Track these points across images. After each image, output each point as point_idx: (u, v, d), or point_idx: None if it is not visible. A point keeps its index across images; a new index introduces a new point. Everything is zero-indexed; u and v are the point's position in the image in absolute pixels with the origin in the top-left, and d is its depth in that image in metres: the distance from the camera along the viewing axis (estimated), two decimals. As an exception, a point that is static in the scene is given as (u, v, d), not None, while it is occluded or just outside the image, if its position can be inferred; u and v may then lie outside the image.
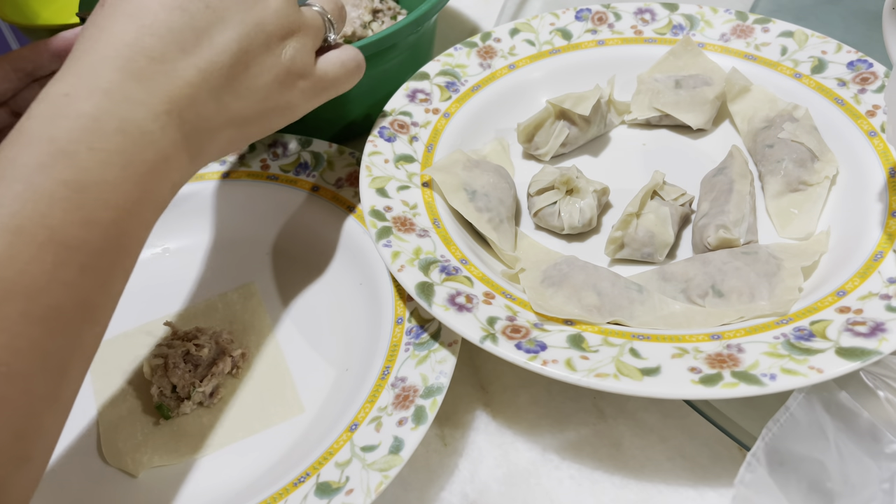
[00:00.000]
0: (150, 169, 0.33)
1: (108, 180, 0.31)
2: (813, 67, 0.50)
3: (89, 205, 0.31)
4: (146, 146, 0.33)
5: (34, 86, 0.48)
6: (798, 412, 0.35)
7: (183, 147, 0.35)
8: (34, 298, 0.29)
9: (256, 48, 0.37)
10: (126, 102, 0.32)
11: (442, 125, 0.51)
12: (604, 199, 0.47)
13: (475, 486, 0.40)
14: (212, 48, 0.36)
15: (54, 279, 0.29)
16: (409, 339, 0.42)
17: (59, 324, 0.30)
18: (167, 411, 0.43)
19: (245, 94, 0.38)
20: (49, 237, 0.29)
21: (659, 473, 0.40)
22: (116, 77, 0.33)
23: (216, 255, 0.52)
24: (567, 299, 0.40)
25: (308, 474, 0.37)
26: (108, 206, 0.31)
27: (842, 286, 0.38)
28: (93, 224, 0.31)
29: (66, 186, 0.30)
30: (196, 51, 0.35)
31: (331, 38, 0.43)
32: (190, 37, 0.35)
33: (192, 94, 0.35)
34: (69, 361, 0.31)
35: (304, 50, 0.40)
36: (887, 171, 0.43)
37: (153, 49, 0.34)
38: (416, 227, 0.44)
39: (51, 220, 0.29)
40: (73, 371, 0.31)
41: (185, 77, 0.35)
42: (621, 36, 0.55)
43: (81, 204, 0.30)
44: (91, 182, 0.31)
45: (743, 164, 0.46)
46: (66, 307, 0.30)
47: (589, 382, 0.35)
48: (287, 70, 0.39)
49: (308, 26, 0.40)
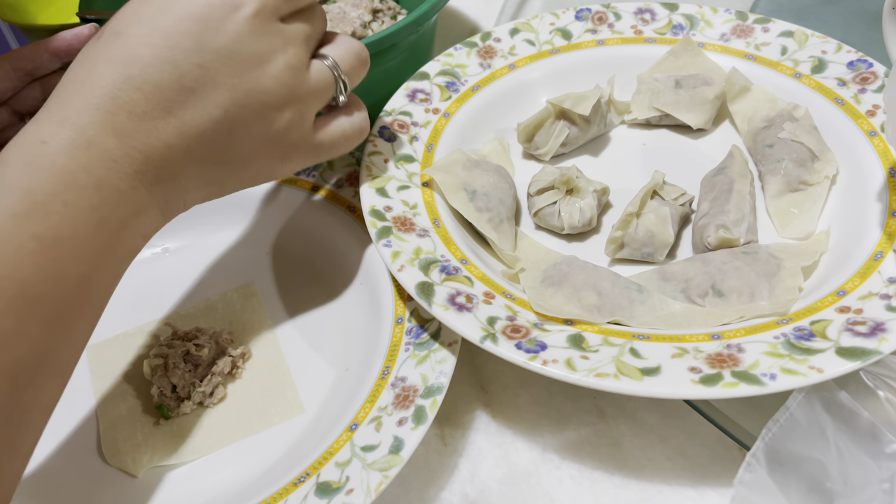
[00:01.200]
0: (121, 224, 0.33)
1: (81, 235, 0.31)
2: (813, 67, 0.50)
3: (60, 259, 0.30)
4: (120, 204, 0.33)
5: (34, 85, 0.48)
6: (798, 412, 0.35)
7: (156, 204, 0.35)
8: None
9: (246, 117, 0.35)
10: (102, 160, 0.32)
11: (442, 125, 0.51)
12: (604, 198, 0.47)
13: (475, 486, 0.40)
14: (196, 111, 0.34)
15: (20, 333, 0.29)
16: (409, 338, 0.42)
17: (22, 377, 0.29)
18: (167, 411, 0.43)
19: (225, 161, 0.36)
20: (19, 291, 0.29)
21: (659, 473, 0.40)
22: (95, 130, 0.32)
23: (216, 255, 0.52)
24: (567, 299, 0.40)
25: (308, 474, 0.37)
26: (79, 261, 0.31)
27: (842, 286, 0.38)
28: (62, 278, 0.30)
29: (37, 241, 0.30)
30: (179, 112, 0.33)
31: (339, 101, 0.39)
32: (175, 96, 0.33)
33: (169, 157, 0.34)
34: (30, 412, 0.30)
35: (303, 120, 0.37)
36: (887, 171, 0.43)
37: (136, 105, 0.33)
38: (416, 227, 0.44)
39: (20, 273, 0.29)
40: (33, 420, 0.31)
41: (164, 139, 0.33)
42: (621, 36, 0.55)
43: (52, 258, 0.30)
44: (63, 237, 0.30)
45: (743, 164, 0.46)
46: (31, 360, 0.30)
47: (589, 382, 0.35)
48: (277, 142, 0.37)
49: (313, 93, 0.37)
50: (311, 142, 0.38)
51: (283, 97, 0.36)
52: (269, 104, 0.35)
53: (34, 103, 0.47)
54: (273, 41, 0.35)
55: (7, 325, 0.28)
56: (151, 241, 0.52)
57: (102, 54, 0.33)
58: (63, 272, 0.30)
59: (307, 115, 0.38)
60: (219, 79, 0.34)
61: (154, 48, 0.33)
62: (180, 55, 0.33)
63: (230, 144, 0.35)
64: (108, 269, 0.33)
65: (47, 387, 0.31)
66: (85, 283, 0.32)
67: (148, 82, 0.33)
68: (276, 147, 0.37)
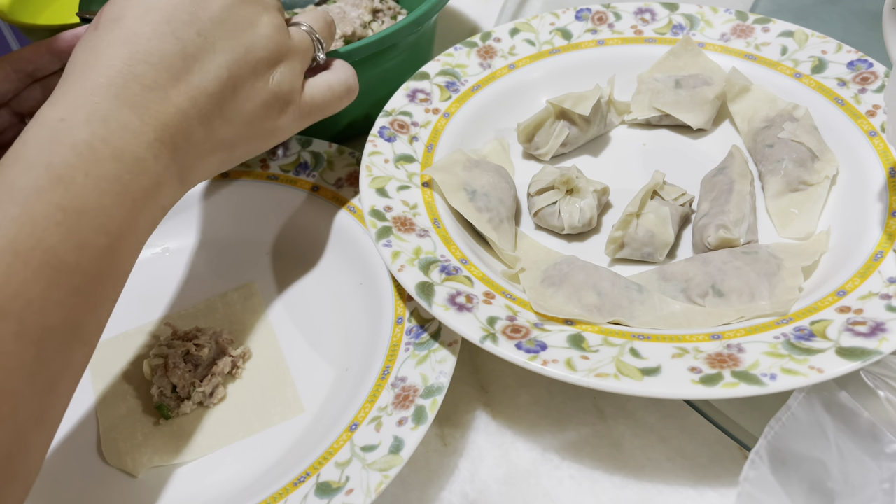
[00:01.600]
0: (142, 195, 0.34)
1: (103, 206, 0.32)
2: (813, 67, 0.50)
3: (84, 229, 0.31)
4: (140, 173, 0.34)
5: (35, 86, 0.48)
6: (799, 411, 0.35)
7: (174, 172, 0.36)
8: (27, 320, 0.29)
9: (245, 74, 0.38)
10: (121, 130, 0.33)
11: (442, 125, 0.51)
12: (604, 198, 0.47)
13: (475, 486, 0.40)
14: (202, 75, 0.36)
15: (48, 301, 0.30)
16: (409, 338, 0.42)
17: (50, 344, 0.30)
18: (167, 411, 0.43)
19: (233, 118, 0.38)
20: (44, 260, 0.30)
21: (659, 473, 0.40)
22: (111, 105, 0.33)
23: (216, 255, 0.52)
24: (567, 299, 0.40)
25: (308, 474, 0.37)
26: (102, 231, 0.32)
27: (842, 286, 0.38)
28: (87, 248, 0.31)
29: (62, 211, 0.30)
30: (187, 78, 0.36)
31: (319, 58, 0.43)
32: (181, 64, 0.36)
33: (183, 121, 0.36)
34: (58, 381, 0.31)
35: (292, 74, 0.41)
36: (887, 171, 0.43)
37: (146, 76, 0.34)
38: (416, 227, 0.44)
39: (46, 243, 0.30)
40: (60, 390, 0.31)
41: (176, 104, 0.35)
42: (621, 36, 0.55)
43: (76, 228, 0.31)
44: (87, 207, 0.31)
45: (743, 164, 0.46)
46: (58, 328, 0.30)
47: (589, 382, 0.35)
48: (274, 95, 0.40)
49: (296, 50, 0.41)
50: (302, 97, 0.42)
51: (274, 52, 0.39)
52: (263, 60, 0.39)
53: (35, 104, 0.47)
54: (255, 8, 0.39)
55: (34, 294, 0.29)
56: (151, 241, 0.52)
57: (105, 39, 0.35)
58: (88, 242, 0.31)
59: (296, 69, 0.41)
60: (217, 43, 0.37)
61: (154, 24, 0.35)
62: (179, 27, 0.36)
63: (234, 101, 0.38)
64: (131, 240, 0.34)
65: (74, 356, 0.32)
66: (109, 254, 0.32)
67: (154, 54, 0.35)
68: (273, 100, 0.40)
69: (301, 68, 0.42)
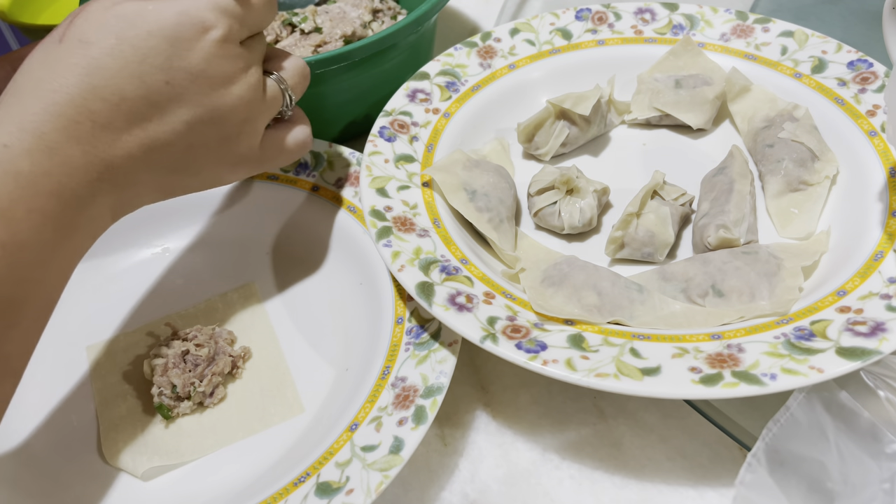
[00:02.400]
0: (79, 229, 0.34)
1: (42, 241, 0.32)
2: (813, 67, 0.50)
3: (20, 264, 0.31)
4: (79, 210, 0.33)
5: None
6: (798, 412, 0.35)
7: (110, 207, 0.36)
8: None
9: (207, 133, 0.37)
10: (64, 166, 0.32)
11: (442, 125, 0.51)
12: (604, 198, 0.47)
13: (475, 486, 0.40)
14: (161, 126, 0.35)
15: None
16: (409, 338, 0.42)
17: None
18: (167, 411, 0.43)
19: (183, 170, 0.38)
20: None
21: (659, 473, 0.40)
22: (58, 137, 0.32)
23: (216, 255, 0.52)
24: (567, 299, 0.40)
25: (308, 474, 0.37)
26: (37, 265, 0.32)
27: (842, 286, 0.38)
28: (21, 282, 0.31)
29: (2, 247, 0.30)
30: (144, 125, 0.34)
31: (286, 114, 0.42)
32: (141, 109, 0.34)
33: (130, 166, 0.35)
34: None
35: (254, 134, 0.39)
36: (887, 171, 0.43)
37: (100, 114, 0.33)
38: (417, 227, 0.44)
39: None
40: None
41: (126, 149, 0.34)
42: (621, 36, 0.55)
43: (13, 263, 0.31)
44: (25, 243, 0.31)
45: (743, 164, 0.46)
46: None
47: (589, 382, 0.35)
48: (230, 153, 0.39)
49: (265, 109, 0.39)
50: (257, 153, 0.40)
51: (243, 115, 0.38)
52: (230, 121, 0.37)
53: None
54: (237, 63, 0.37)
55: None
56: (151, 240, 0.53)
57: (65, 61, 0.33)
58: (22, 276, 0.31)
59: (259, 129, 0.40)
60: (185, 96, 0.35)
61: (122, 60, 0.33)
62: (149, 71, 0.34)
63: (188, 156, 0.37)
64: (62, 271, 0.34)
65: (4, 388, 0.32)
66: (41, 286, 0.32)
67: (115, 94, 0.33)
68: (227, 157, 0.39)
69: (264, 126, 0.40)
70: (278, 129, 0.42)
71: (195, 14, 0.35)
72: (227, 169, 0.40)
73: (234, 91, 0.37)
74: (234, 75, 0.37)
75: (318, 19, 0.59)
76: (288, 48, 0.58)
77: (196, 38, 0.35)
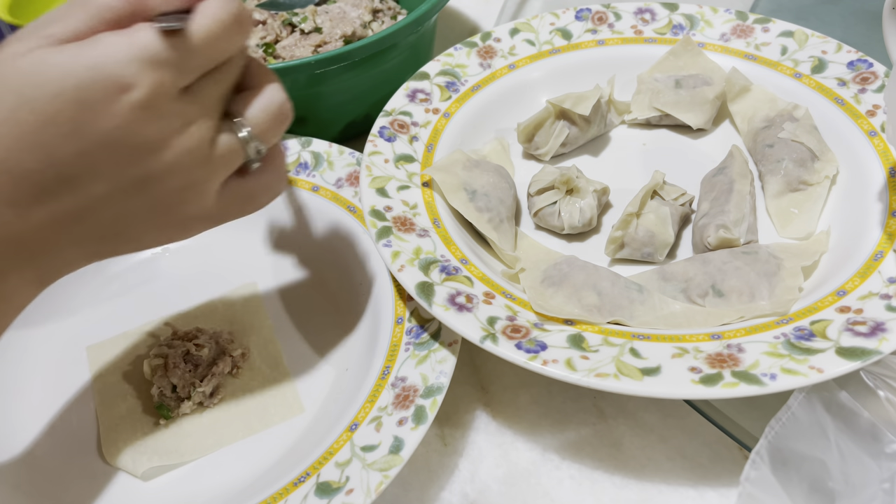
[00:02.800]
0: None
1: None
2: (813, 67, 0.50)
3: None
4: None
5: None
6: (799, 411, 0.35)
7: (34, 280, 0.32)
8: None
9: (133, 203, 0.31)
10: None
11: (442, 125, 0.51)
12: (604, 198, 0.47)
13: (475, 486, 0.40)
14: (76, 199, 0.30)
15: None
16: (409, 338, 0.42)
17: None
18: (167, 411, 0.43)
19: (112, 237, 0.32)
20: None
21: (659, 473, 0.40)
22: None
23: (216, 255, 0.52)
24: (567, 299, 0.40)
25: (308, 474, 0.37)
26: None
27: (842, 286, 0.38)
28: None
29: None
30: (55, 199, 0.29)
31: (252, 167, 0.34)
32: (49, 184, 0.29)
33: (44, 238, 0.31)
34: None
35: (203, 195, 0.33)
36: (887, 171, 0.43)
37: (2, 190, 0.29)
38: (416, 227, 0.44)
39: None
40: None
41: (37, 223, 0.30)
42: (621, 36, 0.55)
43: None
44: None
45: (743, 164, 0.46)
46: None
47: (589, 382, 0.35)
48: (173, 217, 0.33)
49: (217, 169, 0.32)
50: (213, 210, 0.34)
51: (180, 182, 0.31)
52: (164, 190, 0.31)
53: None
54: (170, 124, 0.30)
55: None
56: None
57: None
58: None
59: (208, 189, 0.33)
60: (101, 169, 0.29)
61: (25, 126, 0.28)
62: (55, 140, 0.28)
63: (117, 226, 0.32)
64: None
65: None
66: None
67: (15, 167, 0.28)
68: (171, 221, 0.33)
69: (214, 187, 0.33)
70: (244, 179, 0.34)
71: (109, 71, 0.28)
72: (176, 230, 0.34)
73: (165, 158, 0.30)
74: (165, 139, 0.30)
75: (318, 19, 0.59)
76: (288, 48, 0.58)
77: (109, 99, 0.28)
